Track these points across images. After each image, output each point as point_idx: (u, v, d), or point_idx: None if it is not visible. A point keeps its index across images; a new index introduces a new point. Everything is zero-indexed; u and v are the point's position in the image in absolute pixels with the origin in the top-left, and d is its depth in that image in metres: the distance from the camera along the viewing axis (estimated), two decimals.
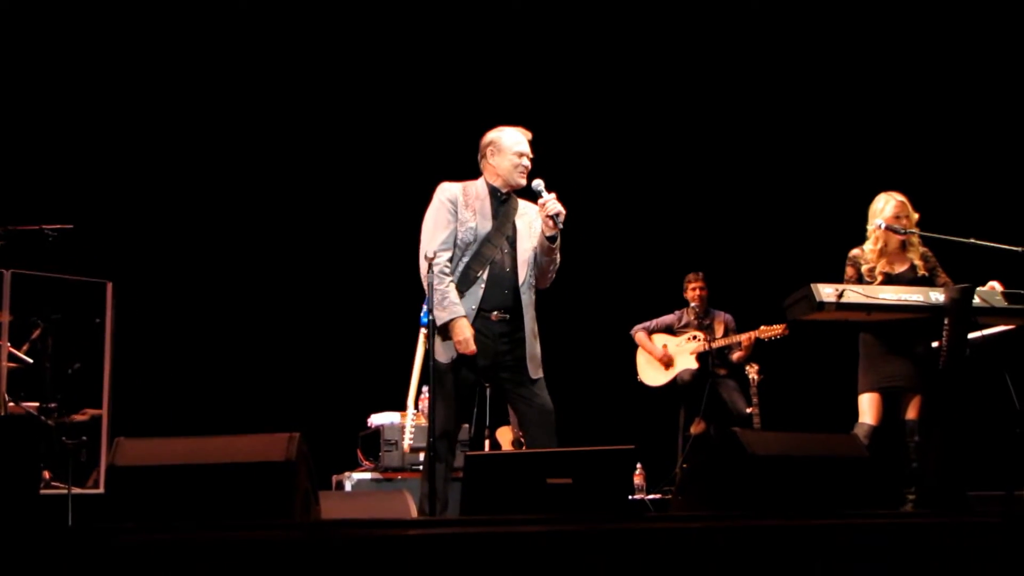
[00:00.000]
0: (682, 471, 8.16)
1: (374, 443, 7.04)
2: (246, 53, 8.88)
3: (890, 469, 6.05)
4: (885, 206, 6.18)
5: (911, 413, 6.04)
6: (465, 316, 5.07)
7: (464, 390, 5.15)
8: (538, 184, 5.16)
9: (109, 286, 8.07)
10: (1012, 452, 5.92)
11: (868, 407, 6.10)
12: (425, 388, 6.90)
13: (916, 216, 6.17)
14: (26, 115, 8.39)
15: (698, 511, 4.03)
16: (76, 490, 6.97)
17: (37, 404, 7.36)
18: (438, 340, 5.13)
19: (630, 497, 7.38)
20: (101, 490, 7.34)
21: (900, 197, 6.17)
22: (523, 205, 5.36)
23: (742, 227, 9.38)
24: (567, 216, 5.09)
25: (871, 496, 4.04)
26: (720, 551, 2.82)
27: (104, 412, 7.97)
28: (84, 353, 7.96)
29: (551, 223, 5.09)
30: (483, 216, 5.22)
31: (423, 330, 5.45)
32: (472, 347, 5.03)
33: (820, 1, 9.02)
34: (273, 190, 9.01)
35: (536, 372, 5.16)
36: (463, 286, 5.13)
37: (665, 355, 8.66)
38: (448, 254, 5.16)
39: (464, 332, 5.05)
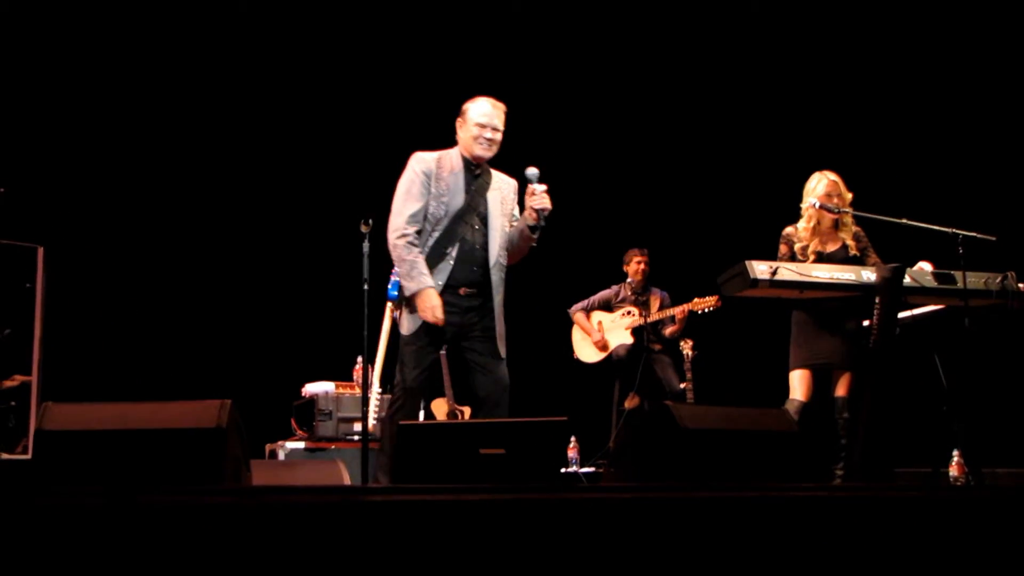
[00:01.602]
0: (615, 444, 8.20)
1: (308, 412, 7.00)
2: (182, 19, 8.74)
3: (819, 445, 6.11)
4: (818, 185, 6.22)
5: (841, 390, 6.11)
6: (433, 287, 5.04)
7: (429, 361, 5.11)
8: (532, 173, 5.15)
9: (40, 251, 7.93)
10: (939, 430, 6.00)
11: (799, 383, 6.16)
12: (359, 357, 6.88)
13: (850, 196, 6.21)
14: None
15: (628, 482, 4.04)
16: (4, 455, 6.87)
17: None
18: (405, 312, 5.12)
19: (563, 470, 7.41)
20: (28, 456, 7.24)
21: (833, 176, 6.21)
22: (497, 179, 5.32)
23: (678, 204, 9.42)
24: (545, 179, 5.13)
25: (800, 470, 4.08)
26: (649, 522, 2.83)
27: (34, 378, 7.84)
28: (14, 319, 7.83)
29: (535, 215, 5.12)
30: (455, 191, 5.16)
31: (390, 304, 5.39)
32: (440, 316, 5.01)
33: None
34: (208, 153, 8.88)
35: (503, 350, 5.16)
36: (432, 262, 5.08)
37: (601, 340, 8.69)
38: (418, 227, 5.11)
39: (432, 300, 5.02)
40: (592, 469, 7.92)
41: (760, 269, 5.76)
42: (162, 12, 8.62)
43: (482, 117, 5.19)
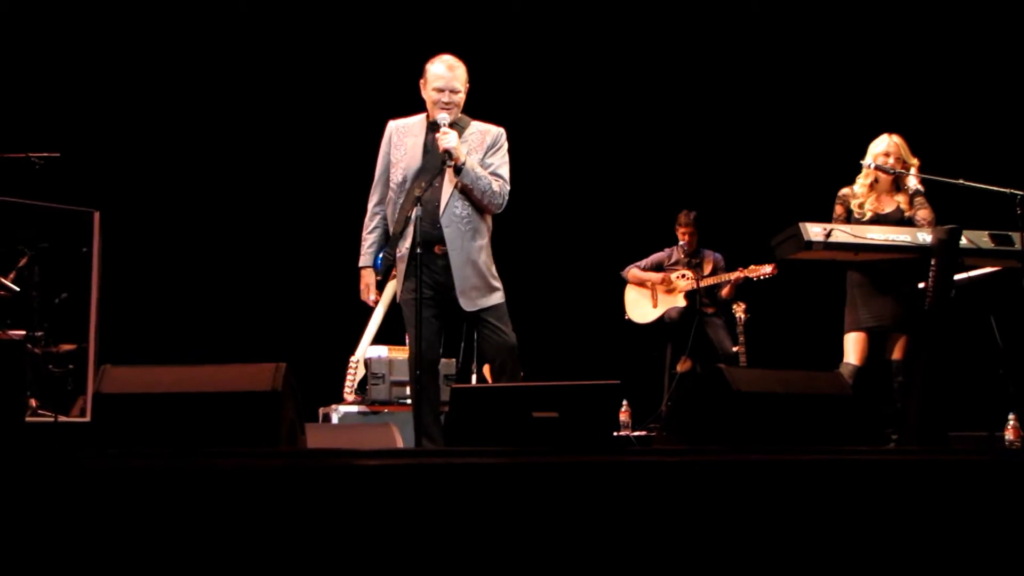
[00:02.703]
0: (667, 408, 8.20)
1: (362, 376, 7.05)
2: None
3: (874, 409, 6.09)
4: (879, 145, 6.20)
5: (896, 354, 6.08)
6: (369, 267, 5.25)
7: (425, 323, 5.08)
8: (441, 118, 5.09)
9: (96, 215, 8.03)
10: (994, 394, 5.96)
11: (853, 347, 6.14)
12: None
13: (916, 161, 6.17)
14: (12, 42, 8.30)
15: (680, 446, 4.05)
16: (62, 418, 6.99)
17: (24, 332, 7.36)
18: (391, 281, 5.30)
19: (615, 433, 7.42)
20: (87, 419, 7.36)
21: (896, 138, 6.18)
22: (470, 130, 5.25)
23: (732, 166, 9.35)
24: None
25: (854, 434, 4.07)
26: (702, 486, 2.84)
27: (91, 342, 7.96)
28: (71, 283, 7.95)
29: (448, 156, 5.04)
30: (413, 153, 5.19)
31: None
32: (367, 297, 5.26)
33: None
34: (262, 119, 8.94)
35: (471, 304, 5.12)
36: (400, 225, 5.16)
37: (664, 278, 8.64)
38: (375, 199, 5.30)
39: (365, 279, 5.28)
40: (644, 433, 7.92)
41: (814, 231, 5.73)
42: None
43: (438, 80, 5.16)
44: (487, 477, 2.71)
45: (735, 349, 8.14)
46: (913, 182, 6.10)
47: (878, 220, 6.11)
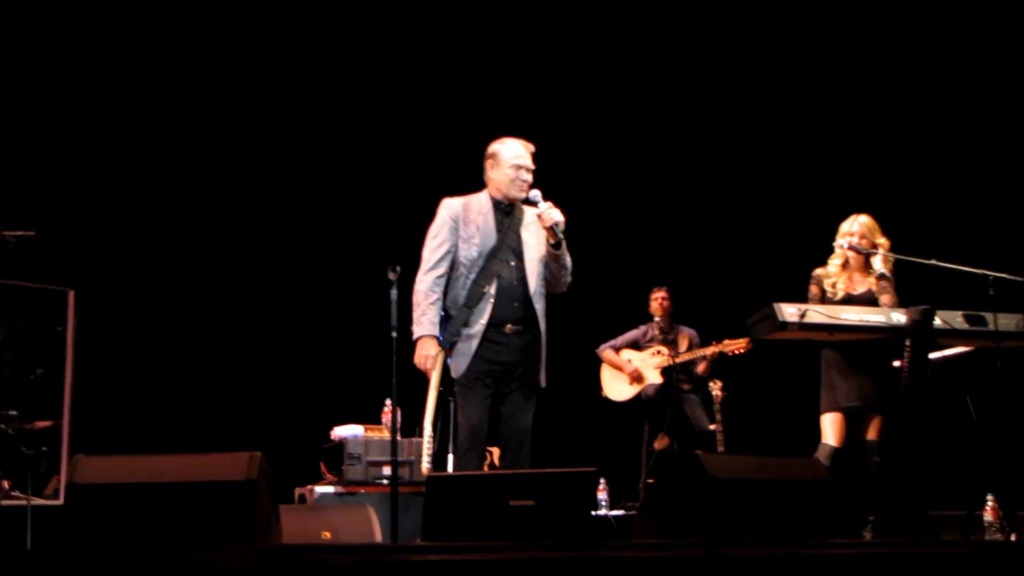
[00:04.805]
0: (645, 488, 8.17)
1: (337, 456, 6.99)
2: (215, 61, 8.81)
3: (852, 491, 6.07)
4: (851, 225, 6.25)
5: (872, 433, 6.07)
6: (433, 336, 5.16)
7: (482, 405, 5.14)
8: (535, 195, 5.22)
9: (71, 295, 7.98)
10: (972, 473, 5.95)
11: (831, 427, 6.12)
12: (388, 401, 6.88)
13: (885, 241, 6.20)
14: None
15: (660, 536, 4.03)
16: (36, 501, 6.89)
17: None
18: (453, 355, 5.20)
19: (593, 512, 7.37)
20: (60, 501, 7.26)
21: (863, 218, 6.23)
22: (530, 214, 5.37)
23: (707, 242, 9.38)
24: (568, 220, 5.19)
25: (833, 520, 4.05)
26: None
27: (65, 422, 7.87)
28: (45, 362, 7.87)
29: (550, 232, 5.16)
30: (487, 231, 5.24)
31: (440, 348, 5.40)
32: (429, 366, 5.15)
33: (787, 22, 9.04)
34: (235, 196, 8.92)
35: (543, 379, 5.27)
36: (471, 303, 5.16)
37: (634, 371, 8.64)
38: (438, 272, 5.23)
39: (427, 349, 5.16)
40: (622, 512, 7.88)
41: (789, 312, 5.75)
42: (194, 62, 8.73)
43: (517, 159, 5.29)
44: (464, 574, 2.68)
45: (712, 427, 8.14)
46: (878, 264, 6.12)
47: (851, 300, 6.14)
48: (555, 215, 5.14)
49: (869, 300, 6.12)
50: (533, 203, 5.22)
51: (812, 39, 9.02)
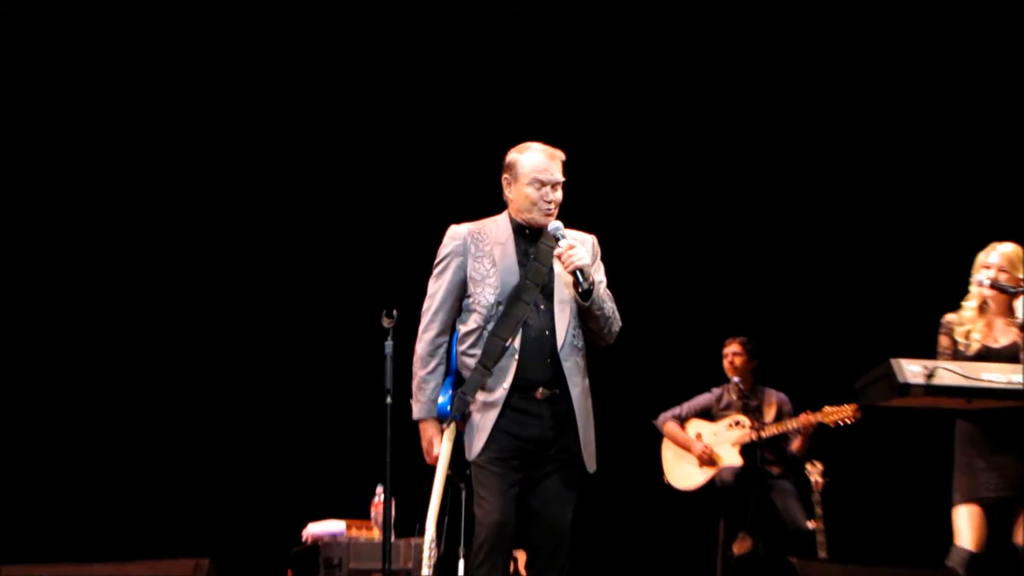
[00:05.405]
0: None
1: (311, 563, 7.02)
2: (202, 84, 9.07)
3: None
4: (989, 256, 6.22)
5: (1021, 535, 6.05)
6: (435, 418, 5.11)
7: (508, 495, 5.01)
8: (554, 227, 5.06)
9: None
10: None
11: (966, 525, 6.07)
12: (379, 488, 6.89)
13: None
14: None
15: None
16: None
17: None
18: (467, 430, 5.10)
19: None
20: None
21: (1010, 247, 6.19)
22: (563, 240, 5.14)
23: (802, 280, 9.38)
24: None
25: None
26: None
27: None
28: None
29: (576, 280, 4.98)
30: (506, 266, 5.10)
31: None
32: (434, 455, 5.08)
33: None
34: (198, 263, 9.15)
35: (592, 463, 5.14)
36: (492, 360, 5.02)
37: (704, 451, 8.59)
38: (438, 329, 5.15)
39: (428, 434, 5.13)
40: None
41: (912, 371, 5.68)
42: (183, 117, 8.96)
43: (539, 172, 5.09)
44: None
45: (810, 525, 8.07)
46: (1021, 309, 6.11)
47: (989, 354, 6.11)
48: (576, 258, 4.95)
49: (1012, 355, 6.07)
50: (554, 238, 5.04)
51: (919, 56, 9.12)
